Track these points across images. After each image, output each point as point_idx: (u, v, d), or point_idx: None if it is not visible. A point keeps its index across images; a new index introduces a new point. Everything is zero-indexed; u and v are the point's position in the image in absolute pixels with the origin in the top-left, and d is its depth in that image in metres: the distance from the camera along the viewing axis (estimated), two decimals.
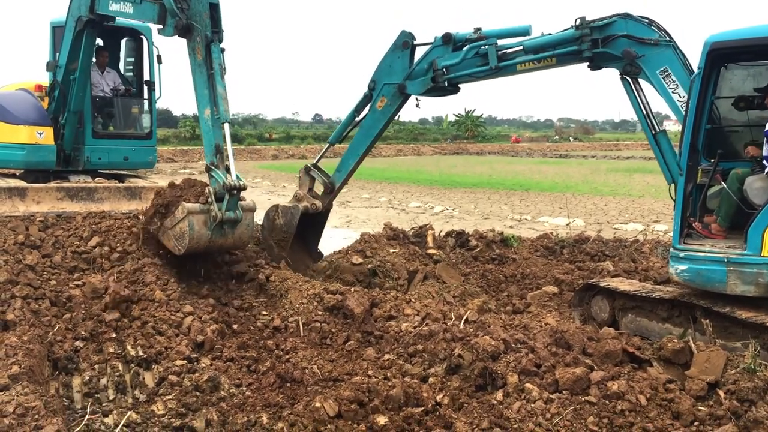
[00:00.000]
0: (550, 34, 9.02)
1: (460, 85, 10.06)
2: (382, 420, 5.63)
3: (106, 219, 8.99)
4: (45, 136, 10.63)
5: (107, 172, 11.53)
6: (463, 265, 11.22)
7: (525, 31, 9.43)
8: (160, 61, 11.76)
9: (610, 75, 8.70)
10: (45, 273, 7.98)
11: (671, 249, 7.45)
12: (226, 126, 8.38)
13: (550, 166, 48.50)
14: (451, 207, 23.77)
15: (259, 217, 10.11)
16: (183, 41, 8.56)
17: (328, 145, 11.23)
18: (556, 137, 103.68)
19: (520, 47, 9.23)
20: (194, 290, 8.38)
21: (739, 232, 7.01)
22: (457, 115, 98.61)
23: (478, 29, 9.63)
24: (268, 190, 31.31)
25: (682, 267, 7.24)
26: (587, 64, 8.80)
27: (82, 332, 7.05)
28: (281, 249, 10.21)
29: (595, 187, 31.37)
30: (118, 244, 8.60)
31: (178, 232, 8.19)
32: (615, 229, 18.00)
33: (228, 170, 8.26)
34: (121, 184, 9.85)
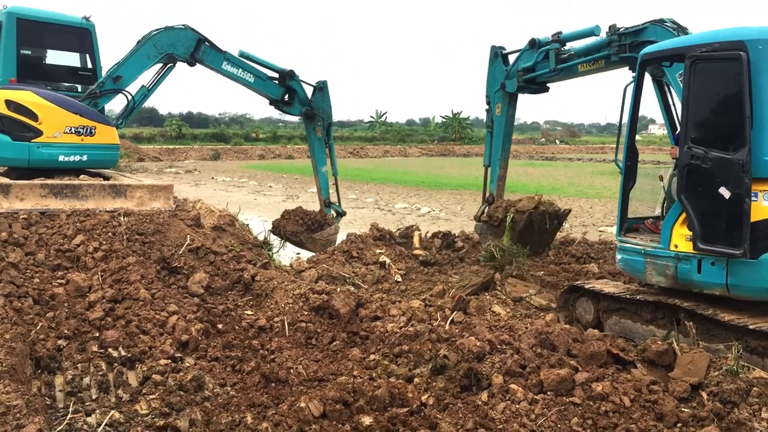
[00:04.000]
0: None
1: (548, 84, 11.49)
2: (367, 420, 5.62)
3: (90, 217, 8.93)
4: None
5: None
6: (449, 267, 11.23)
7: (591, 32, 10.47)
8: None
9: (597, 79, 8.94)
10: (28, 271, 7.90)
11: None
12: (337, 177, 13.33)
13: (536, 168, 48.68)
14: (438, 208, 23.81)
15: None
16: None
17: (485, 167, 12.60)
18: (543, 140, 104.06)
19: (573, 52, 10.44)
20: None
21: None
22: (444, 117, 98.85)
23: (556, 33, 10.81)
24: (254, 190, 31.22)
25: (619, 256, 8.06)
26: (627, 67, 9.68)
27: (65, 331, 7.00)
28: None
29: (581, 189, 31.53)
30: (103, 243, 8.54)
31: (326, 242, 12.48)
32: (600, 231, 18.09)
33: (339, 202, 13.45)
34: (106, 182, 9.76)
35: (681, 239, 7.19)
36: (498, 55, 11.83)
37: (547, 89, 11.71)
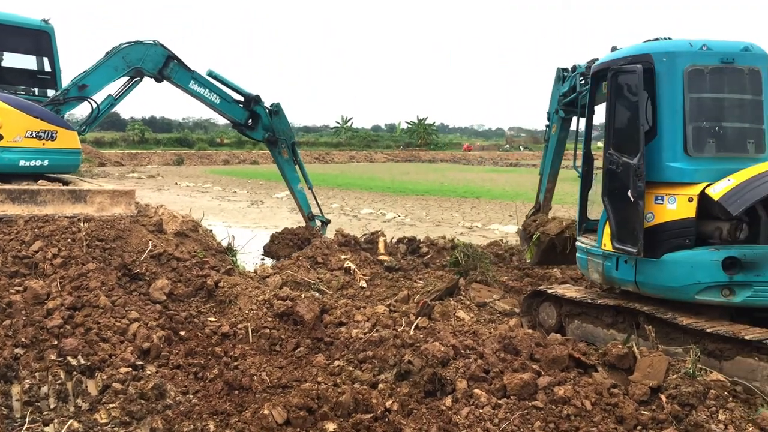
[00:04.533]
0: None
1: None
2: (331, 427, 5.61)
3: (49, 223, 8.76)
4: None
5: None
6: (414, 272, 11.27)
7: None
8: None
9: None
10: None
11: None
12: (312, 190, 13.41)
13: (500, 174, 49.13)
14: (403, 214, 23.86)
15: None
16: None
17: (540, 175, 13.03)
18: (507, 146, 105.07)
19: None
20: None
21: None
22: (409, 123, 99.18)
23: (591, 60, 10.65)
24: (218, 195, 30.94)
25: (578, 255, 8.43)
26: None
27: (23, 339, 6.84)
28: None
29: None
30: (62, 249, 8.38)
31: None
32: None
33: (321, 212, 13.68)
34: (65, 187, 9.58)
35: (607, 239, 7.63)
36: (560, 77, 11.94)
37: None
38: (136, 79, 11.54)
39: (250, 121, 12.61)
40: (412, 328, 8.10)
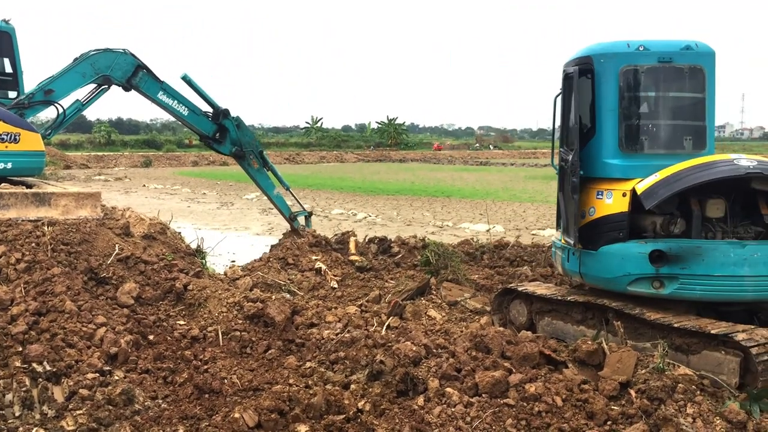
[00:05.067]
0: None
1: None
2: (303, 429, 5.58)
3: (12, 227, 8.57)
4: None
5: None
6: (385, 272, 11.26)
7: None
8: None
9: (530, 84, 9.15)
10: None
11: None
12: (289, 189, 13.35)
13: (470, 173, 49.38)
14: (374, 214, 23.86)
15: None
16: None
17: None
18: (477, 145, 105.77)
19: None
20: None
21: None
22: (379, 123, 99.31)
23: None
24: (187, 198, 30.64)
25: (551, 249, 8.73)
26: None
27: None
28: None
29: (514, 194, 32.12)
30: (26, 253, 8.21)
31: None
32: (533, 234, 18.46)
33: (301, 206, 13.63)
34: (29, 190, 9.39)
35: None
36: None
37: None
38: (103, 87, 11.37)
39: (218, 134, 12.41)
40: (384, 328, 8.09)
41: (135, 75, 11.34)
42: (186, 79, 11.92)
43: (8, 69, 11.44)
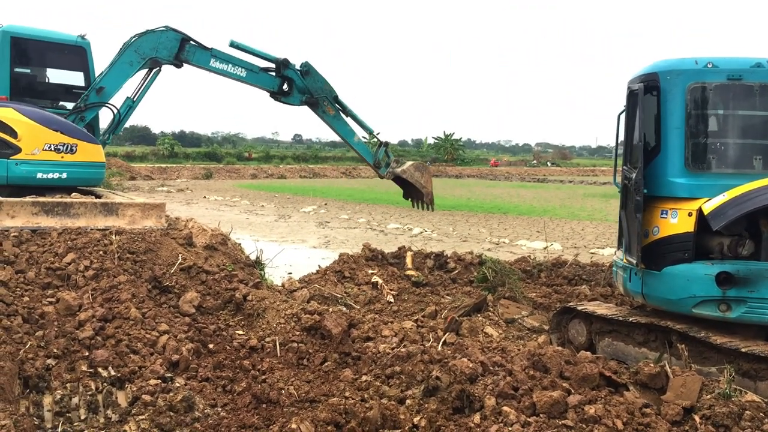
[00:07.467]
0: None
1: None
2: None
3: (82, 235, 8.88)
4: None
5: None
6: (442, 288, 11.22)
7: None
8: None
9: (588, 102, 9.03)
10: (18, 289, 7.83)
11: None
12: (373, 132, 13.37)
13: (528, 190, 48.88)
14: (430, 229, 23.82)
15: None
16: None
17: None
18: (534, 162, 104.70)
19: None
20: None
21: None
22: (436, 138, 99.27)
23: None
24: (246, 210, 31.18)
25: (613, 269, 8.58)
26: None
27: (55, 350, 6.92)
28: None
29: (573, 211, 31.63)
30: (94, 261, 8.49)
31: (421, 179, 13.54)
32: (592, 253, 18.13)
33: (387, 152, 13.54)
34: (98, 200, 9.70)
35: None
36: None
37: None
38: (154, 71, 11.26)
39: (285, 87, 11.92)
40: (440, 343, 8.05)
41: (182, 49, 11.11)
42: (235, 45, 11.57)
43: (82, 83, 11.82)
